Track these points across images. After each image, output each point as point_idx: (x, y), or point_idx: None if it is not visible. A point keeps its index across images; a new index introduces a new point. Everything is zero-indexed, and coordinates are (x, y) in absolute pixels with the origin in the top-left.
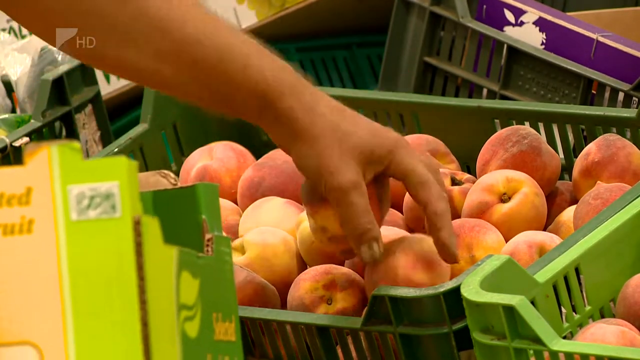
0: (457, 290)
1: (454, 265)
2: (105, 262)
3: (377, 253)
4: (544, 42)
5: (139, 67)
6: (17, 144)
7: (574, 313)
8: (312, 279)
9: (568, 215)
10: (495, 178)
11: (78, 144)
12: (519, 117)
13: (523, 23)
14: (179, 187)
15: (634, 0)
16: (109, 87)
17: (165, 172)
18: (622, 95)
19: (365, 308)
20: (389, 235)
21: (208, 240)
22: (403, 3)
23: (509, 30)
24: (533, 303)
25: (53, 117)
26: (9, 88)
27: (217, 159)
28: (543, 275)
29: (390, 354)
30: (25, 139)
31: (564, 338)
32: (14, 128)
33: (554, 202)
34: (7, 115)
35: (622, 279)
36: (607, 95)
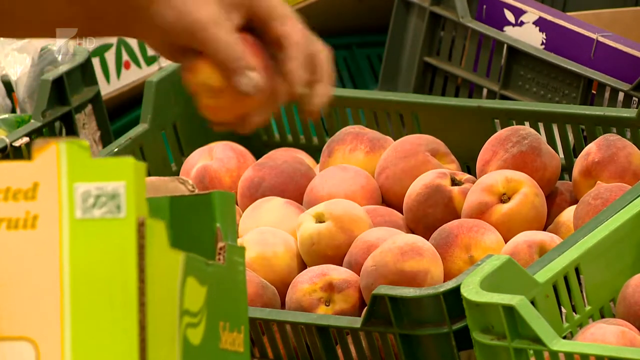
0: (457, 290)
1: (454, 266)
2: (107, 262)
3: (255, 80)
4: (544, 42)
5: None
6: (17, 144)
7: (574, 313)
8: (309, 281)
9: (568, 215)
10: (495, 178)
11: (87, 142)
12: (519, 117)
13: (523, 23)
14: (196, 193)
15: (634, 0)
16: (109, 87)
17: (184, 178)
18: (622, 95)
19: (365, 308)
20: (389, 235)
21: (220, 249)
22: (403, 3)
23: (509, 30)
24: (533, 303)
25: (53, 117)
26: (9, 88)
27: (217, 159)
28: (543, 275)
29: (390, 354)
30: (25, 139)
31: (564, 338)
32: (14, 128)
33: (554, 202)
34: (7, 115)
35: (622, 279)
36: (607, 95)
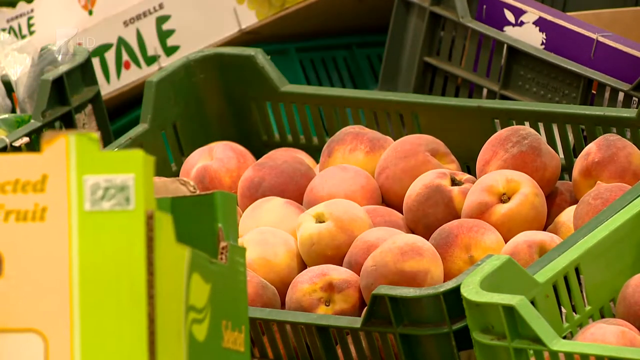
0: (457, 290)
1: (454, 266)
2: (116, 254)
3: None
4: (544, 42)
5: None
6: (17, 144)
7: (574, 313)
8: (309, 281)
9: (568, 215)
10: (495, 178)
11: (96, 135)
12: (519, 117)
13: (523, 23)
14: (197, 194)
15: (634, 0)
16: (109, 87)
17: (185, 179)
18: (622, 95)
19: (365, 308)
20: (389, 235)
21: (223, 248)
22: (403, 3)
23: (509, 30)
24: (533, 303)
25: (53, 117)
26: (9, 88)
27: (217, 159)
28: (543, 275)
29: (390, 354)
30: (25, 139)
31: (564, 338)
32: (14, 128)
33: (554, 202)
34: (7, 115)
35: (622, 279)
36: (607, 95)
